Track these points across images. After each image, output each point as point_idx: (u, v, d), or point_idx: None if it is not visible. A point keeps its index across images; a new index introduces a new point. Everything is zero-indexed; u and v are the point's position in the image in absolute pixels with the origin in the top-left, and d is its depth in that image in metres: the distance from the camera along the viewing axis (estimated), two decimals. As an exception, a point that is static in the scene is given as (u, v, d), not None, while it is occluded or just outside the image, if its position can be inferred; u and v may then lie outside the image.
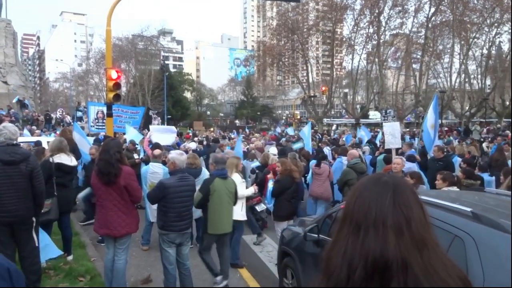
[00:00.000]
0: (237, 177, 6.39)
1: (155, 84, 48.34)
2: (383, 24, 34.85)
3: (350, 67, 40.81)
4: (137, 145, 11.28)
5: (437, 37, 34.68)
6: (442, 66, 37.74)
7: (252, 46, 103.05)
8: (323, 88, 37.84)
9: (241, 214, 6.43)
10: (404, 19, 34.22)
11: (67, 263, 5.86)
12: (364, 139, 16.72)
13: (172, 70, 77.90)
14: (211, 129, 39.15)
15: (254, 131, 36.58)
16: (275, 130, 31.76)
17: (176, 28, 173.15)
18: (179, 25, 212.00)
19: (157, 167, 6.97)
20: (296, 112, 62.88)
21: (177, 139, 13.36)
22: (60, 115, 28.98)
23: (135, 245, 6.91)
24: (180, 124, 54.50)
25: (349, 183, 7.31)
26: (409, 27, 34.65)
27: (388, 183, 1.21)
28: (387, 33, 36.34)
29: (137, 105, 39.98)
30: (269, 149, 11.87)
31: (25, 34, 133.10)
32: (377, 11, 33.88)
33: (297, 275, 4.72)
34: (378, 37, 34.97)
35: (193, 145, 13.43)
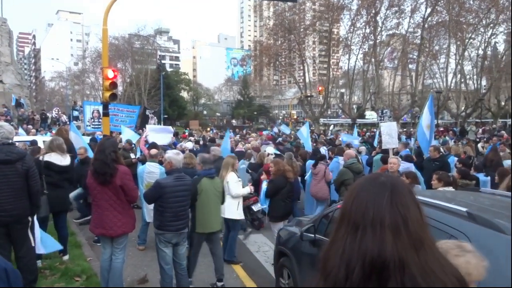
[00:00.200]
0: (233, 176, 6.40)
1: (151, 83, 48.25)
2: (380, 24, 34.96)
3: (346, 67, 40.97)
4: (134, 144, 11.28)
5: (433, 38, 34.80)
6: (438, 67, 37.92)
7: (249, 45, 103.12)
8: (320, 88, 37.89)
9: (237, 213, 6.44)
10: (401, 19, 34.37)
11: (63, 263, 5.84)
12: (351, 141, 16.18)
13: (169, 69, 77.65)
14: (208, 129, 39.12)
15: (250, 130, 36.55)
16: (272, 130, 31.75)
17: (173, 27, 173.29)
18: (176, 24, 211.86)
19: (153, 167, 6.97)
20: (293, 112, 62.86)
21: (173, 139, 13.34)
22: (56, 114, 28.87)
23: (132, 245, 6.88)
24: (177, 124, 54.42)
25: (345, 183, 7.34)
26: (405, 27, 34.82)
27: (386, 183, 1.21)
28: (383, 33, 36.48)
29: (133, 104, 39.87)
30: (266, 148, 11.89)
31: (20, 33, 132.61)
32: (373, 11, 33.95)
33: (294, 275, 4.73)
34: (375, 37, 35.04)
35: (190, 144, 13.42)
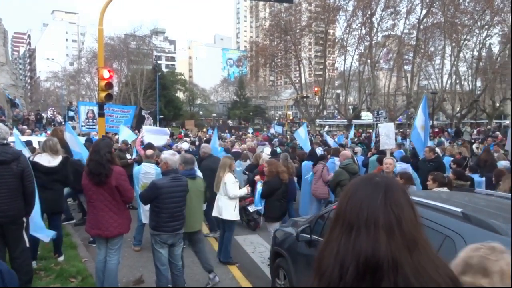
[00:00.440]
0: (230, 177, 6.41)
1: (147, 84, 48.12)
2: (375, 25, 35.07)
3: (342, 68, 41.06)
4: (130, 145, 11.26)
5: (429, 39, 34.96)
6: (434, 68, 38.07)
7: (245, 46, 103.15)
8: (316, 89, 37.94)
9: (234, 214, 6.45)
10: (396, 20, 34.49)
11: (58, 264, 5.82)
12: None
13: (165, 70, 77.60)
14: (204, 129, 39.07)
15: (246, 131, 36.52)
16: (269, 131, 31.79)
17: (169, 28, 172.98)
18: (172, 25, 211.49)
19: (149, 167, 6.94)
20: (289, 112, 62.95)
21: (169, 141, 13.31)
22: (51, 114, 28.75)
23: (127, 245, 6.87)
24: (173, 124, 54.32)
25: (341, 183, 7.36)
26: (401, 28, 34.92)
27: (380, 184, 1.22)
28: (379, 34, 36.58)
29: (129, 105, 39.76)
30: (263, 149, 11.91)
31: (15, 33, 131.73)
32: (369, 13, 34.06)
33: (290, 275, 4.73)
34: (370, 38, 35.16)
35: (186, 145, 13.40)
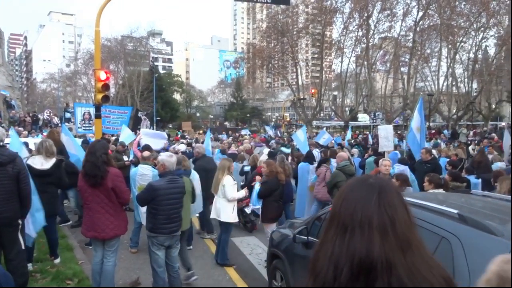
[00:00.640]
0: (229, 179, 6.41)
1: (144, 85, 48.00)
2: (372, 27, 35.19)
3: (339, 69, 41.16)
4: (127, 146, 11.26)
5: (425, 41, 35.08)
6: (430, 70, 38.17)
7: (242, 48, 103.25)
8: (313, 91, 38.02)
9: (232, 216, 6.45)
10: (393, 22, 34.64)
11: (54, 266, 5.79)
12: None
13: (162, 71, 77.42)
14: (201, 131, 39.02)
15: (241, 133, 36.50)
16: (266, 133, 31.76)
17: (166, 29, 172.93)
18: (169, 26, 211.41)
19: (146, 169, 6.93)
20: (286, 114, 62.98)
21: (166, 145, 13.29)
22: (48, 116, 28.66)
23: (124, 247, 6.84)
24: (170, 126, 54.23)
25: (338, 185, 7.38)
26: (397, 30, 35.16)
27: (374, 185, 1.23)
28: (375, 36, 36.73)
29: (126, 106, 39.66)
30: (263, 150, 11.94)
31: (12, 34, 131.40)
32: (366, 15, 34.17)
33: (287, 277, 4.73)
34: (367, 40, 35.26)
35: (183, 147, 13.38)
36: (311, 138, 20.88)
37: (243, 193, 6.79)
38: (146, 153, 7.56)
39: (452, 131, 28.21)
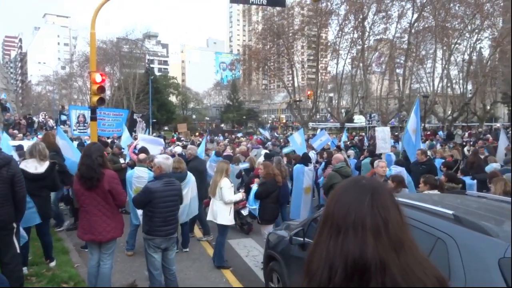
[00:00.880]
0: (226, 182, 6.41)
1: (140, 87, 47.90)
2: (367, 29, 35.24)
3: (335, 71, 41.19)
4: (123, 149, 11.24)
5: (420, 43, 35.20)
6: (425, 71, 38.37)
7: (238, 50, 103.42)
8: (309, 93, 38.06)
9: (229, 218, 6.45)
10: (388, 24, 34.66)
11: (49, 270, 5.76)
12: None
13: (157, 73, 77.28)
14: (197, 133, 38.98)
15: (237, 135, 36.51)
16: (262, 135, 31.78)
17: (161, 31, 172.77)
18: (164, 29, 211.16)
19: (142, 171, 6.92)
20: (282, 116, 63.11)
21: (162, 152, 13.28)
22: (43, 118, 28.56)
23: (120, 250, 6.82)
24: (166, 128, 54.12)
25: (334, 187, 7.38)
26: (392, 32, 35.12)
27: (366, 186, 1.24)
28: (371, 38, 36.76)
29: (121, 109, 39.56)
30: (260, 152, 11.95)
31: (7, 36, 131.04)
32: (361, 17, 34.23)
33: (283, 279, 4.73)
34: (363, 42, 35.33)
35: (179, 149, 13.36)
36: (308, 140, 20.86)
37: (240, 195, 6.81)
38: (141, 156, 7.55)
39: (447, 132, 28.32)
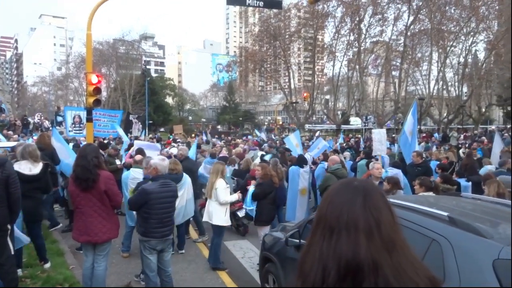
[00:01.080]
0: (222, 183, 6.41)
1: (136, 89, 47.79)
2: (364, 31, 35.39)
3: (331, 73, 41.35)
4: (119, 150, 11.23)
5: (416, 45, 35.39)
6: (421, 74, 38.50)
7: (234, 51, 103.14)
8: (305, 94, 38.13)
9: (224, 219, 6.45)
10: (384, 27, 34.84)
11: (44, 271, 5.73)
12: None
13: (154, 75, 77.17)
14: (193, 134, 38.91)
15: (236, 136, 36.54)
16: (259, 136, 31.77)
17: (158, 33, 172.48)
18: (161, 30, 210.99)
19: (138, 173, 6.90)
20: (278, 118, 63.14)
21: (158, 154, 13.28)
22: (39, 119, 28.43)
23: (115, 252, 6.81)
24: (162, 130, 54.03)
25: (329, 188, 7.41)
26: (388, 35, 35.28)
27: (359, 188, 1.26)
28: (367, 40, 36.92)
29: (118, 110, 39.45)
30: (257, 153, 11.92)
31: (2, 37, 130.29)
32: (357, 19, 34.37)
33: (279, 280, 4.73)
34: (359, 44, 35.46)
35: (175, 150, 13.33)
36: (306, 144, 20.81)
37: (235, 196, 6.80)
38: (138, 157, 7.53)
39: (443, 134, 28.41)
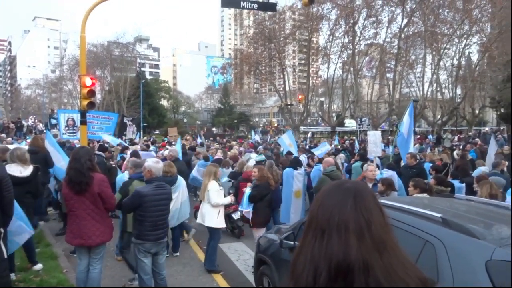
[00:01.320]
0: (214, 185, 6.39)
1: (131, 91, 47.69)
2: (358, 34, 35.54)
3: (326, 75, 41.47)
4: (113, 151, 11.20)
5: (410, 48, 35.58)
6: (415, 76, 38.69)
7: (229, 54, 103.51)
8: (300, 97, 38.24)
9: (217, 221, 6.43)
10: (378, 29, 35.01)
11: (38, 275, 5.69)
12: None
13: (149, 77, 77.11)
14: (188, 137, 38.81)
15: (231, 139, 36.54)
16: (253, 138, 31.78)
17: (153, 35, 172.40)
18: (156, 32, 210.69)
19: (132, 176, 6.88)
20: (273, 120, 63.26)
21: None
22: (32, 122, 28.29)
23: (109, 255, 6.75)
24: (157, 132, 53.89)
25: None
26: (382, 37, 35.44)
27: (350, 189, 1.27)
28: (361, 42, 37.07)
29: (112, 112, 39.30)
30: (251, 155, 11.92)
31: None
32: (352, 22, 34.52)
33: (274, 282, 4.72)
34: (353, 46, 35.61)
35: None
36: (301, 146, 20.86)
37: (228, 199, 6.79)
38: (133, 159, 7.51)
39: (437, 136, 28.58)
